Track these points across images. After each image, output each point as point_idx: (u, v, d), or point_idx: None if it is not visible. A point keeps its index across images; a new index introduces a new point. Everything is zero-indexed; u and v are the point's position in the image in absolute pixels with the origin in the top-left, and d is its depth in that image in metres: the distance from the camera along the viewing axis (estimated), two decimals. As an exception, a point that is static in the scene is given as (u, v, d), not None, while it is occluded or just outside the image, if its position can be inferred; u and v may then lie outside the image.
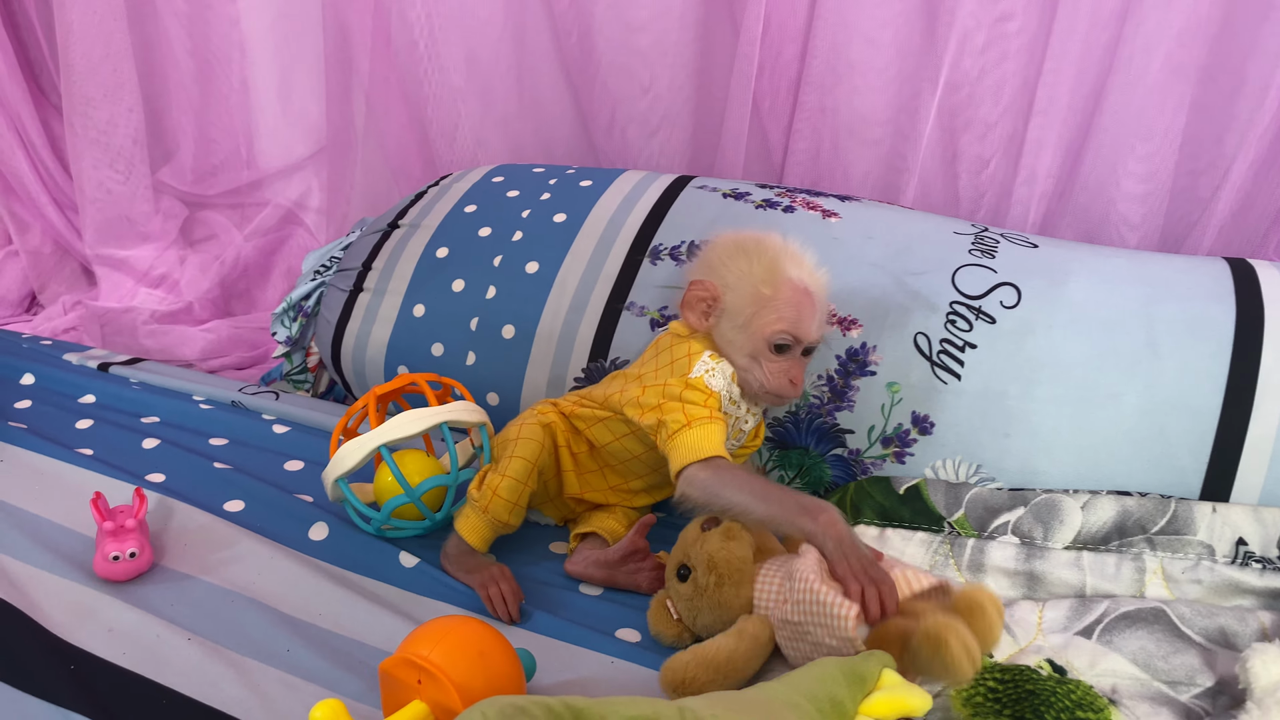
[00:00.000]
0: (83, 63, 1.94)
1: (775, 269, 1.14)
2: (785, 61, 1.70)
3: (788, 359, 1.15)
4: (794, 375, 1.15)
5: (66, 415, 1.49)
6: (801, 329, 1.13)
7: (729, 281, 1.16)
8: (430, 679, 0.87)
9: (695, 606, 1.05)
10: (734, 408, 1.17)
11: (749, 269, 1.15)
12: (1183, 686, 0.99)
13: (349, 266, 1.61)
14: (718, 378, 1.15)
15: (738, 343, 1.15)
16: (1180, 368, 1.19)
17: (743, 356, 1.15)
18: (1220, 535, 1.11)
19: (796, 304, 1.13)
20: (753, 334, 1.14)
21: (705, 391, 1.14)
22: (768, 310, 1.13)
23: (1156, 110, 1.50)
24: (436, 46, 1.84)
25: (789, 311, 1.13)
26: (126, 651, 1.03)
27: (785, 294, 1.13)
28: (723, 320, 1.16)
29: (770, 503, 1.04)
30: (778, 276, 1.14)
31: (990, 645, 0.93)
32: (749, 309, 1.14)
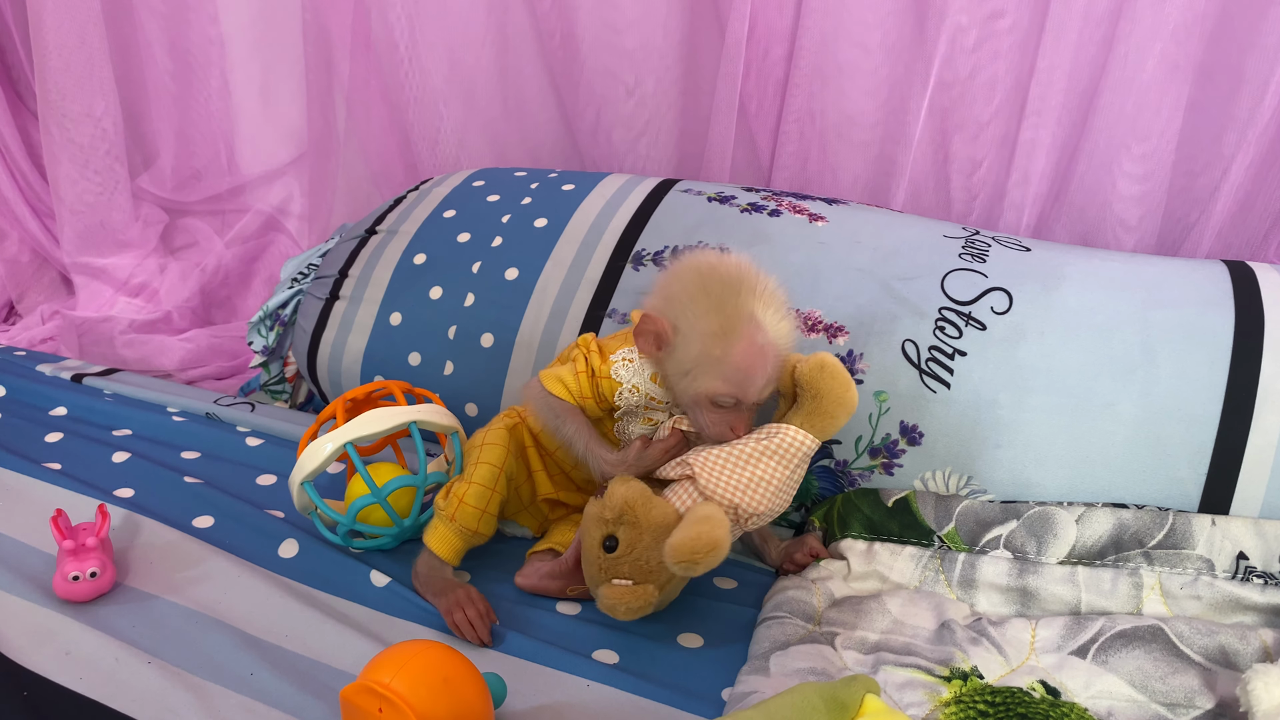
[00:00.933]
0: (59, 68, 1.90)
1: (732, 327, 1.05)
2: (772, 62, 1.66)
3: (728, 411, 1.08)
4: (734, 425, 1.08)
5: (36, 428, 1.45)
6: (746, 392, 1.06)
7: (681, 326, 1.07)
8: (391, 708, 0.83)
9: (640, 554, 1.04)
10: (655, 405, 1.14)
11: (704, 319, 1.05)
12: (1181, 709, 0.95)
13: (326, 274, 1.57)
14: (629, 370, 1.13)
15: (679, 388, 1.09)
16: (1178, 375, 1.15)
17: (682, 399, 1.10)
18: (1220, 549, 1.07)
19: (746, 369, 1.05)
20: (692, 391, 1.07)
21: (603, 372, 1.13)
22: (713, 370, 1.05)
23: (1153, 109, 1.46)
24: (417, 49, 1.80)
25: (735, 376, 1.05)
26: (83, 676, 0.99)
27: (736, 357, 1.04)
28: (668, 363, 1.09)
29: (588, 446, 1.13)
30: (733, 335, 1.04)
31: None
32: (694, 364, 1.06)
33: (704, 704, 0.98)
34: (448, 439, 1.23)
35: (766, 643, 1.03)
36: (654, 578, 1.05)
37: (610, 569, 1.05)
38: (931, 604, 1.09)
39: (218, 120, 2.04)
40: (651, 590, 1.05)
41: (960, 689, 0.96)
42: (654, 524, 1.04)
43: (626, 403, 1.13)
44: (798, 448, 1.07)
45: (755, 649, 1.03)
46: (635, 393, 1.13)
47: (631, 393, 1.13)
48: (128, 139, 2.03)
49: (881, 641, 1.03)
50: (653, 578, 1.05)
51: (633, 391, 1.13)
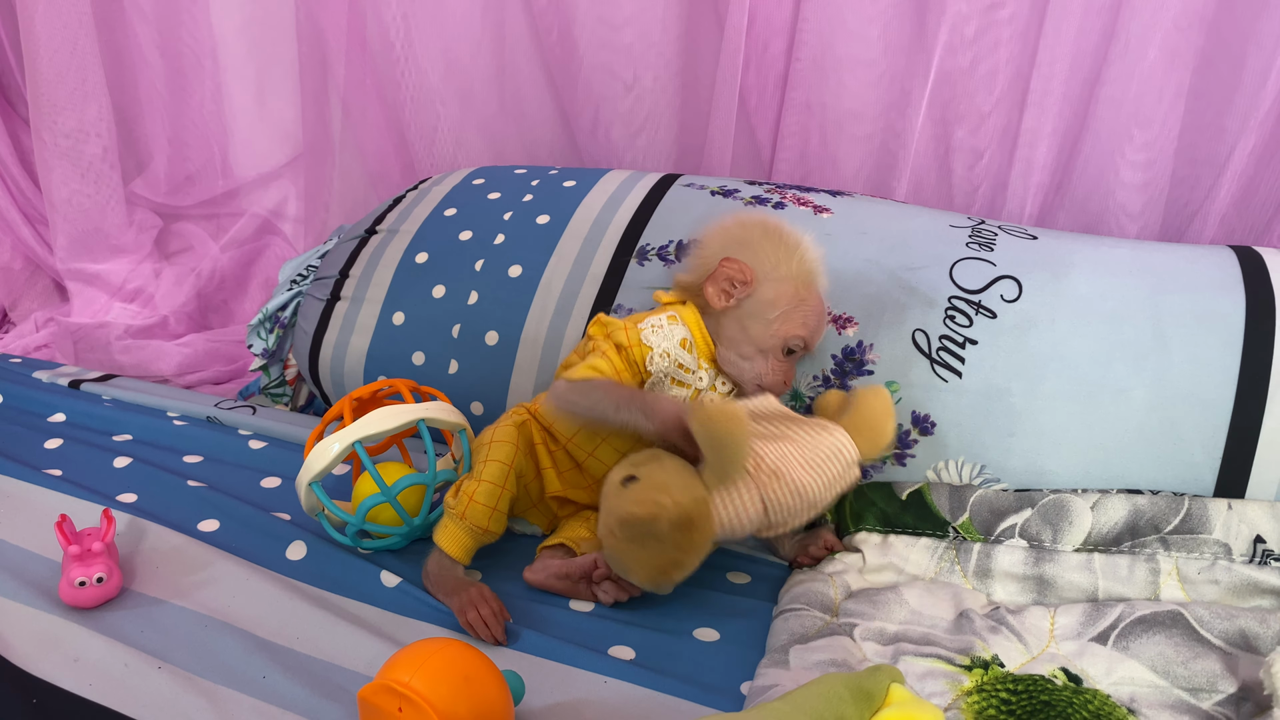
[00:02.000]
0: (50, 73, 1.88)
1: (811, 272, 1.16)
2: (772, 56, 1.66)
3: (790, 361, 1.16)
4: (789, 376, 1.17)
5: (35, 435, 1.44)
6: (816, 338, 1.17)
7: (764, 270, 1.15)
8: (412, 707, 0.82)
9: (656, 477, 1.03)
10: (688, 375, 1.15)
11: (786, 265, 1.15)
12: (1204, 693, 0.95)
13: (326, 275, 1.55)
14: (659, 335, 1.14)
15: (752, 332, 1.14)
16: (1190, 360, 1.15)
17: (748, 346, 1.15)
18: (1237, 533, 1.07)
19: (820, 313, 1.16)
20: (774, 332, 1.14)
21: (632, 341, 1.14)
22: (796, 315, 1.14)
23: (1154, 97, 1.46)
24: (413, 47, 1.79)
25: (814, 320, 1.15)
26: (93, 683, 0.97)
27: (814, 303, 1.15)
28: (744, 306, 1.15)
29: (621, 410, 1.07)
30: (814, 281, 1.16)
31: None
32: (781, 307, 1.13)
33: (723, 698, 0.97)
34: (455, 436, 1.22)
35: (785, 635, 1.02)
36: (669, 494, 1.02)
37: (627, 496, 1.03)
38: (948, 594, 1.08)
39: (211, 123, 2.02)
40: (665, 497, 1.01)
41: (982, 678, 0.95)
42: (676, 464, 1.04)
43: (658, 368, 1.14)
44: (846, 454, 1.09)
45: (773, 642, 1.02)
46: (666, 358, 1.14)
47: (663, 357, 1.14)
48: (120, 144, 2.01)
49: (900, 632, 1.02)
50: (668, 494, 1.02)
51: (663, 356, 1.14)
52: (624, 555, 1.04)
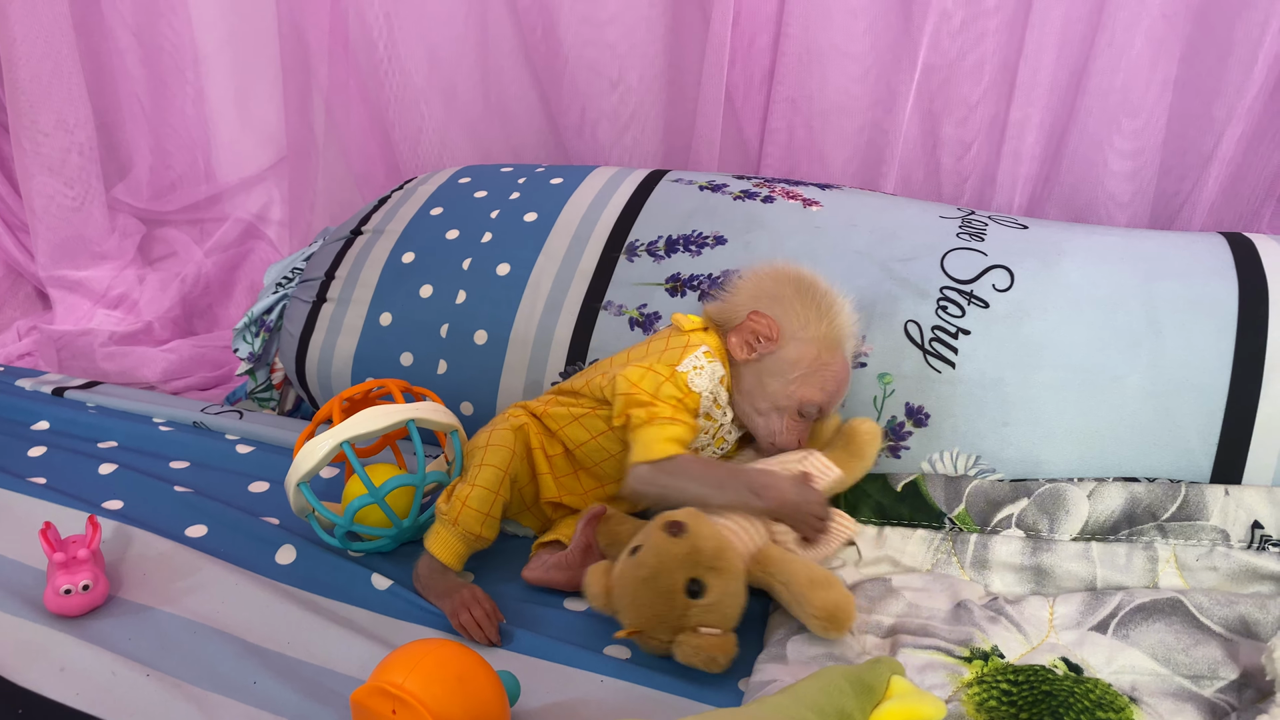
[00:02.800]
0: (29, 78, 1.86)
1: (840, 338, 1.12)
2: (758, 50, 1.65)
3: (805, 422, 1.13)
4: (803, 436, 1.13)
5: (18, 443, 1.41)
6: (833, 404, 1.13)
7: (791, 328, 1.11)
8: (405, 708, 0.81)
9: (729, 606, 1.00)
10: (718, 412, 1.13)
11: (815, 326, 1.11)
12: (1205, 680, 0.94)
13: (311, 277, 1.54)
14: (703, 378, 1.10)
15: (770, 389, 1.11)
16: (1184, 346, 1.14)
17: (764, 402, 1.12)
18: (1234, 519, 1.06)
19: (842, 381, 1.13)
20: (791, 393, 1.11)
21: (683, 391, 1.09)
22: (815, 380, 1.11)
23: (1142, 85, 1.46)
24: (396, 47, 1.78)
25: (832, 386, 1.12)
26: (80, 692, 0.96)
27: (836, 368, 1.11)
28: (766, 362, 1.11)
29: (725, 490, 1.05)
30: (839, 346, 1.12)
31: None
32: (802, 369, 1.10)
33: (721, 694, 0.96)
34: (447, 438, 1.21)
35: (782, 630, 1.01)
36: (730, 625, 0.99)
37: (697, 616, 0.98)
38: (945, 586, 1.07)
39: (193, 128, 2.00)
40: (732, 640, 0.98)
41: (982, 669, 0.94)
42: (739, 573, 1.00)
43: (705, 408, 1.12)
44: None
45: (771, 637, 1.01)
46: (709, 398, 1.12)
47: (708, 399, 1.12)
48: (102, 150, 1.99)
49: (898, 624, 1.02)
50: (729, 625, 0.99)
51: (709, 398, 1.12)
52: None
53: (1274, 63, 1.40)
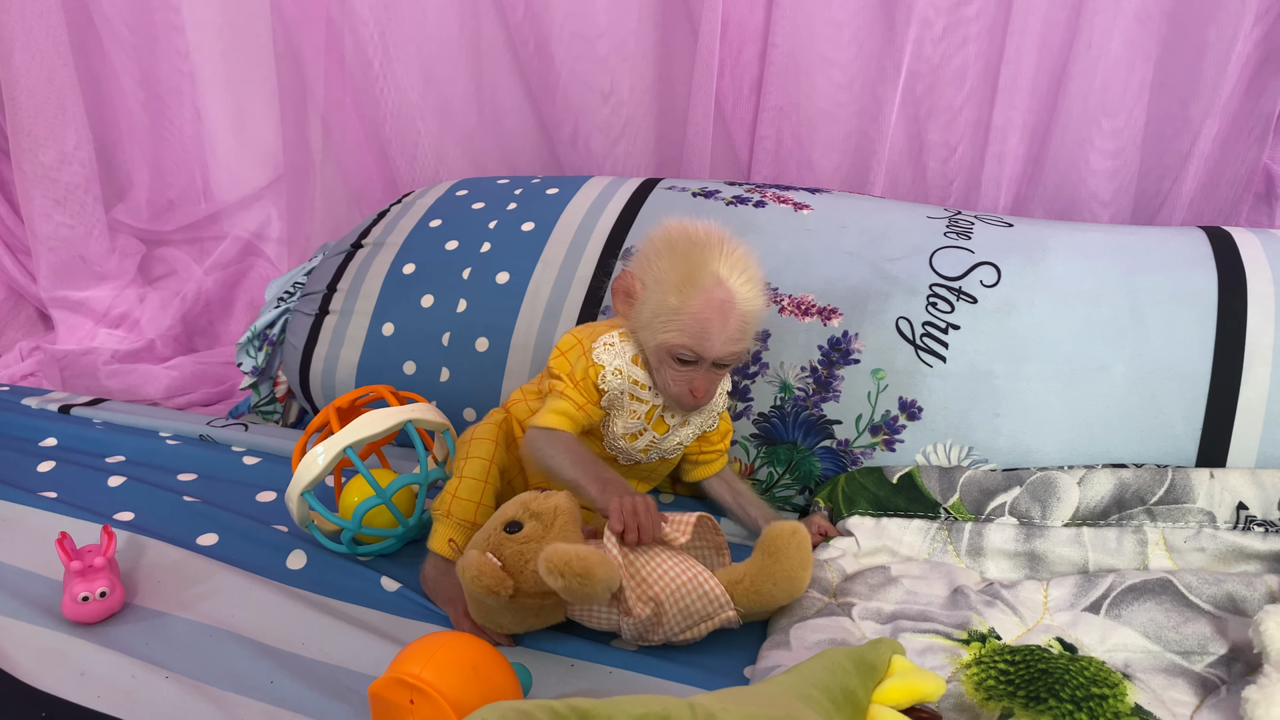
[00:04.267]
0: (28, 101, 1.89)
1: (692, 278, 1.07)
2: (746, 60, 1.69)
3: (691, 370, 1.10)
4: (695, 386, 1.10)
5: (27, 459, 1.44)
6: (704, 346, 1.07)
7: (647, 280, 1.11)
8: (423, 698, 0.83)
9: (529, 550, 0.99)
10: (643, 391, 1.15)
11: (667, 272, 1.08)
12: (1196, 656, 0.97)
13: (313, 290, 1.57)
14: (609, 353, 1.14)
15: (646, 342, 1.13)
16: (1167, 335, 1.18)
17: (652, 358, 1.13)
18: (1220, 501, 1.10)
19: (703, 320, 1.07)
20: (656, 344, 1.11)
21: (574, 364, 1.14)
22: (672, 321, 1.08)
23: (1120, 86, 1.50)
24: (391, 64, 1.81)
25: (692, 327, 1.07)
26: (101, 695, 0.98)
27: (694, 307, 1.07)
28: (639, 317, 1.12)
29: (577, 469, 1.07)
30: (692, 287, 1.07)
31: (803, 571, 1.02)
32: (655, 315, 1.09)
33: (728, 681, 0.98)
34: (439, 437, 1.24)
35: (785, 617, 1.04)
36: (520, 579, 0.99)
37: (495, 544, 1.01)
38: (942, 573, 1.10)
39: (191, 148, 2.03)
40: (509, 583, 0.98)
41: (980, 650, 0.97)
42: (560, 540, 1.00)
43: (610, 385, 1.14)
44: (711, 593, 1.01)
45: (774, 624, 1.04)
46: (618, 375, 1.14)
47: (615, 375, 1.14)
48: (101, 171, 2.02)
49: (898, 610, 1.04)
50: (519, 578, 0.99)
51: (615, 374, 1.14)
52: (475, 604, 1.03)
53: (1246, 62, 1.44)
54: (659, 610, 1.00)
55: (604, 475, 1.07)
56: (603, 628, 1.03)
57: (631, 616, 1.00)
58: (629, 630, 1.02)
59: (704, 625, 1.02)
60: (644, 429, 1.17)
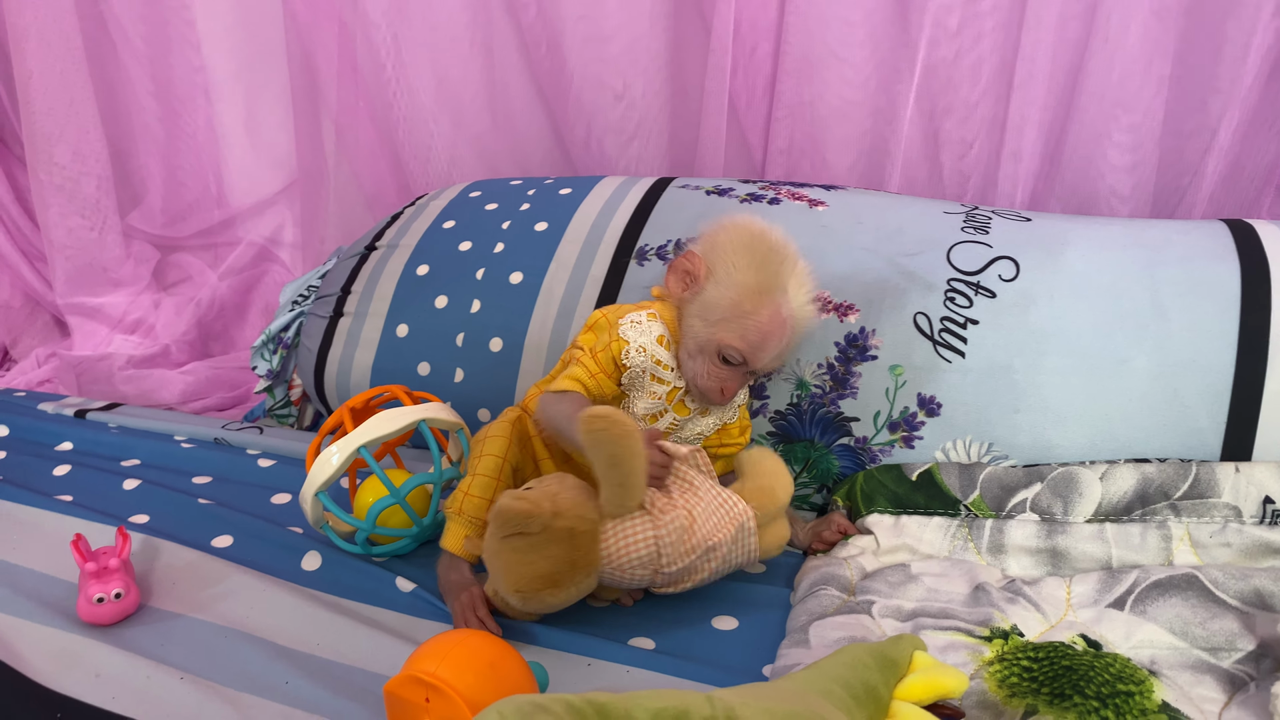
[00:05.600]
0: (44, 108, 1.90)
1: (766, 287, 1.09)
2: (759, 58, 1.68)
3: (729, 370, 1.12)
4: (727, 386, 1.13)
5: (43, 463, 1.44)
6: (757, 356, 1.11)
7: (719, 273, 1.12)
8: (439, 696, 0.82)
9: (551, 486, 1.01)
10: (665, 372, 1.15)
11: (742, 273, 1.10)
12: (1223, 652, 0.95)
13: (328, 293, 1.57)
14: (635, 330, 1.14)
15: (695, 331, 1.13)
16: (1189, 327, 1.16)
17: (691, 343, 1.14)
18: (1246, 495, 1.08)
19: (765, 333, 1.10)
20: (710, 335, 1.11)
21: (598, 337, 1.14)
22: (737, 324, 1.10)
23: (1138, 79, 1.49)
24: (404, 68, 1.81)
25: (753, 336, 1.10)
26: (116, 695, 0.97)
27: (761, 318, 1.09)
28: (694, 302, 1.13)
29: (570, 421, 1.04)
30: (765, 296, 1.09)
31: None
32: (722, 312, 1.10)
33: (747, 679, 0.97)
34: (453, 436, 1.23)
35: (804, 616, 1.02)
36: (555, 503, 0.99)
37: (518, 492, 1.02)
38: (963, 571, 1.09)
39: (205, 154, 2.04)
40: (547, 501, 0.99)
41: (1002, 648, 0.96)
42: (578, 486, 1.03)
43: (633, 362, 1.13)
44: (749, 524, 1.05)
45: (793, 623, 1.03)
46: (642, 353, 1.14)
47: (638, 353, 1.13)
48: (116, 178, 2.03)
49: (918, 608, 1.03)
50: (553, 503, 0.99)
51: (639, 351, 1.14)
52: (496, 557, 1.00)
53: (1266, 54, 1.42)
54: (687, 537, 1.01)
55: None
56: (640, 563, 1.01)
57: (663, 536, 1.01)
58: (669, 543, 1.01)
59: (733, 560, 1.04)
60: (665, 409, 1.16)
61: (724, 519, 1.03)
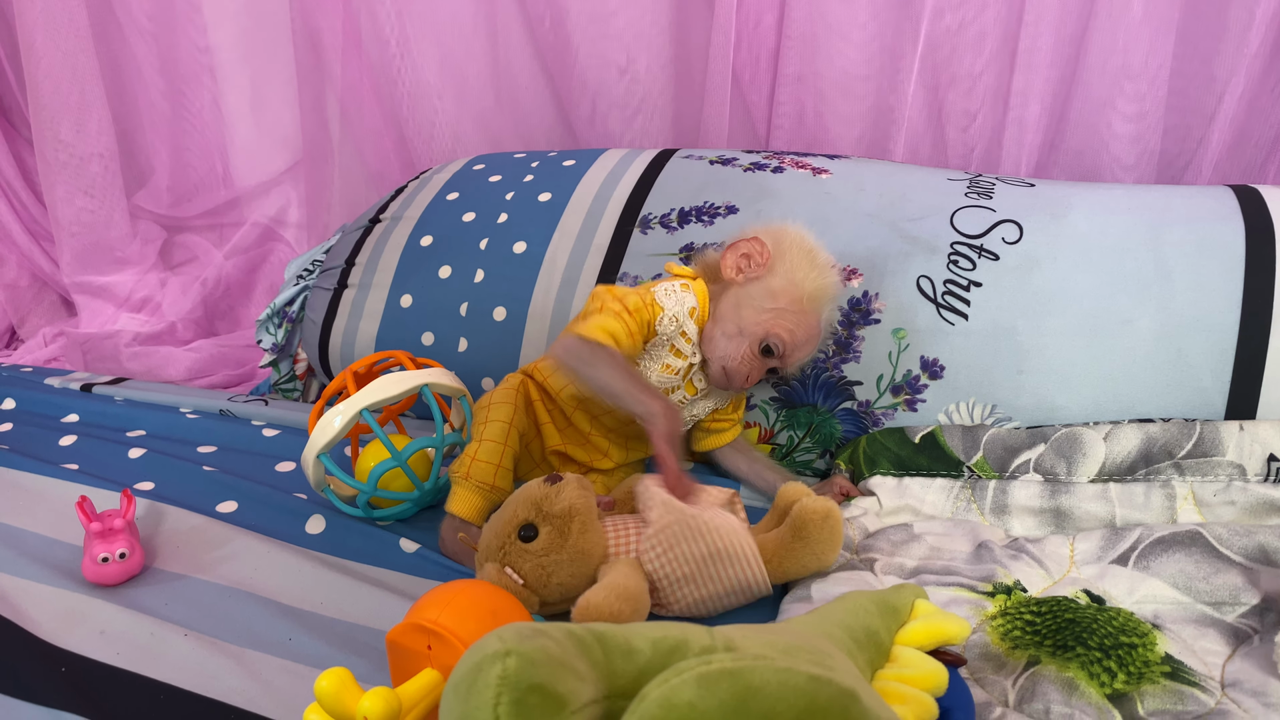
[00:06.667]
0: (50, 88, 1.90)
1: (821, 298, 1.15)
2: (763, 31, 1.68)
3: (763, 360, 1.15)
4: (753, 374, 1.16)
5: (49, 434, 1.44)
6: (796, 354, 1.16)
7: (781, 268, 1.15)
8: (441, 643, 0.82)
9: (550, 563, 0.96)
10: (687, 346, 1.16)
11: (805, 276, 1.14)
12: (1227, 607, 0.95)
13: (332, 265, 1.57)
14: (670, 299, 1.15)
15: (744, 315, 1.14)
16: (1193, 287, 1.16)
17: (734, 326, 1.14)
18: (1250, 454, 1.07)
19: (812, 336, 1.16)
20: (762, 322, 1.13)
21: (647, 302, 1.13)
22: (789, 318, 1.14)
23: (1143, 48, 1.48)
24: (408, 44, 1.81)
25: (802, 335, 1.14)
26: (120, 651, 0.97)
27: (810, 322, 1.15)
28: (750, 287, 1.15)
29: (627, 381, 1.06)
30: (818, 306, 1.15)
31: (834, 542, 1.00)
32: (780, 303, 1.14)
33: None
34: (456, 403, 1.23)
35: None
36: (545, 593, 0.97)
37: (512, 556, 0.97)
38: (966, 530, 1.09)
39: (211, 133, 2.04)
40: (535, 601, 0.97)
41: (1005, 603, 0.96)
42: (579, 548, 0.97)
43: (665, 330, 1.14)
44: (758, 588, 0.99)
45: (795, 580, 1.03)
46: (674, 322, 1.15)
47: (671, 321, 1.14)
48: (122, 157, 2.03)
49: (921, 566, 1.03)
50: (543, 591, 0.97)
51: (672, 320, 1.15)
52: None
53: (1272, 20, 1.42)
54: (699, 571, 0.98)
55: (649, 387, 1.08)
56: None
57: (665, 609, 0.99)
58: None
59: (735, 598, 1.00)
60: (677, 385, 1.17)
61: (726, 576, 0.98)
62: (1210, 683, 0.84)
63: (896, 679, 0.75)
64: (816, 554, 0.99)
